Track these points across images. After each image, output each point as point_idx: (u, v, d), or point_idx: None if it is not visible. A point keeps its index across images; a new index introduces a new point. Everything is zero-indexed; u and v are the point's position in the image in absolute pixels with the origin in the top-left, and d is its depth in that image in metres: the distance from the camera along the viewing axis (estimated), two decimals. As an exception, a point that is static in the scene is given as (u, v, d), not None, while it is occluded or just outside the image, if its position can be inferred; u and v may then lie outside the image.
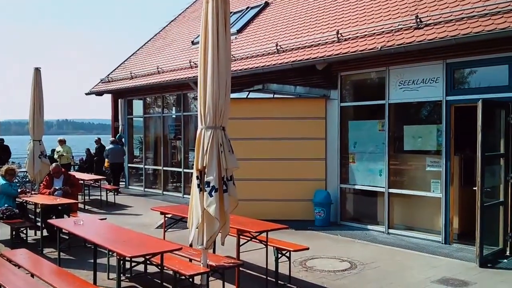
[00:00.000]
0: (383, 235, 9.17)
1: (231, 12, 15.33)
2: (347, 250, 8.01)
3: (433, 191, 8.63)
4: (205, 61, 4.90)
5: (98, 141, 17.28)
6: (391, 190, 9.28)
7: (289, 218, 9.86)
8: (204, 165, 4.80)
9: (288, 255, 6.32)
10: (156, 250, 5.13)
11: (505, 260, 7.37)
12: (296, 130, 10.39)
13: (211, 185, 4.73)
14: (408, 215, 9.27)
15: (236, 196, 4.95)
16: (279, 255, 6.30)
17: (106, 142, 16.89)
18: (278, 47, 11.07)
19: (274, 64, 10.76)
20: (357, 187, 10.05)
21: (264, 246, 6.19)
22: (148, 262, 5.53)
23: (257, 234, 6.04)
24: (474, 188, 7.24)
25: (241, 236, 6.20)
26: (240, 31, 13.77)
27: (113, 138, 16.30)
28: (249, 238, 6.26)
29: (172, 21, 19.66)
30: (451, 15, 8.20)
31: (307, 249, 6.42)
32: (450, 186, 8.41)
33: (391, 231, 9.22)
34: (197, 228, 4.95)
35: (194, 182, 4.93)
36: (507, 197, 7.60)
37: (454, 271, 6.86)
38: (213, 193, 4.72)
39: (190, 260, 5.99)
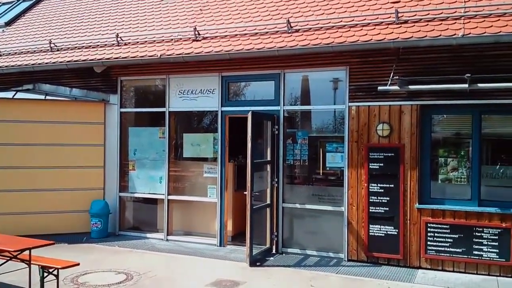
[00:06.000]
0: (162, 242, 9.17)
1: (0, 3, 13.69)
2: (124, 261, 7.74)
3: (210, 196, 9.00)
4: None
5: None
6: (170, 197, 9.36)
7: (64, 232, 9.19)
8: None
9: (56, 273, 5.76)
10: None
11: (272, 258, 8.09)
12: (72, 135, 9.63)
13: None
14: (187, 221, 9.48)
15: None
16: (46, 274, 5.70)
17: None
18: (52, 45, 10.15)
19: (47, 63, 9.79)
20: (137, 195, 9.85)
21: (27, 266, 5.52)
22: None
23: (17, 253, 5.34)
24: (245, 193, 7.78)
25: (-3, 257, 5.42)
26: (8, 24, 12.25)
27: None
28: (8, 258, 5.50)
29: None
30: (226, 31, 8.73)
31: (78, 264, 5.96)
32: (225, 191, 8.89)
33: (170, 237, 9.28)
34: None
35: None
36: (273, 199, 8.38)
37: (227, 272, 7.22)
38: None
39: None
